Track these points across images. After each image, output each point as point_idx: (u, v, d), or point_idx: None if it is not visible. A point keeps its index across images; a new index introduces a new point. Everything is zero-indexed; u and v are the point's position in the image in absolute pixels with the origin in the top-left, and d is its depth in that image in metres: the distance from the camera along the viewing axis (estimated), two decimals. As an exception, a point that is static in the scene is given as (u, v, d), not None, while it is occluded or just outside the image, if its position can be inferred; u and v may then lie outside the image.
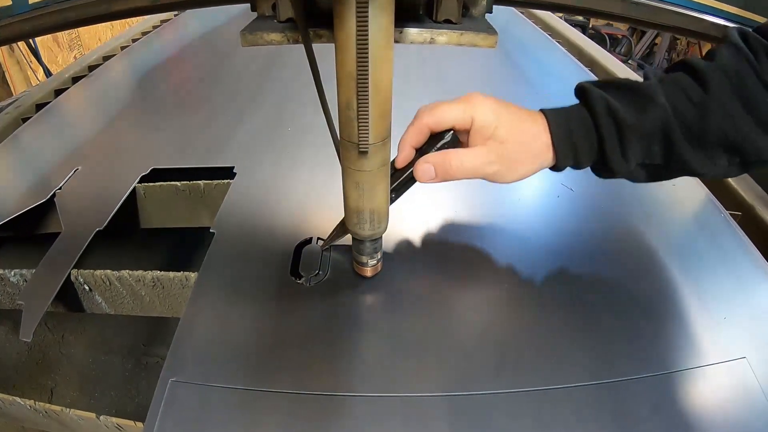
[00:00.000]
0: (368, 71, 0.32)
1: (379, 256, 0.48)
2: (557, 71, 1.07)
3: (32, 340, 0.46)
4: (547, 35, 1.30)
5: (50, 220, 0.65)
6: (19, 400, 0.44)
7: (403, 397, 0.40)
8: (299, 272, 0.51)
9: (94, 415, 0.42)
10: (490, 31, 0.37)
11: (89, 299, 0.55)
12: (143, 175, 0.67)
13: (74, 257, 0.53)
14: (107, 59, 1.14)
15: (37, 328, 0.47)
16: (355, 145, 0.37)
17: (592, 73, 1.06)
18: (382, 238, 0.47)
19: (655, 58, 3.87)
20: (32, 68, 2.16)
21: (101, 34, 2.56)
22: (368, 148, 0.37)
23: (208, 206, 0.67)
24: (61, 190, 0.65)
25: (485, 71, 1.05)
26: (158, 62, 1.12)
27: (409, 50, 1.02)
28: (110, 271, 0.53)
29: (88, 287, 0.54)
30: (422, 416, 0.39)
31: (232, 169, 0.67)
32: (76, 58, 2.37)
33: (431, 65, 1.03)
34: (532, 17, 1.45)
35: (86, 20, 0.55)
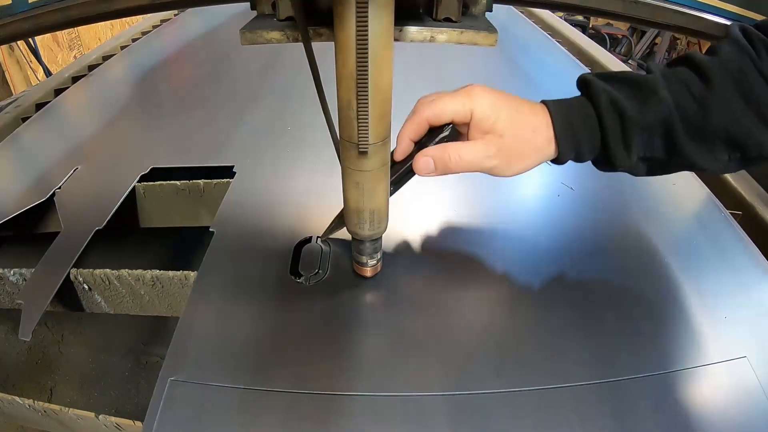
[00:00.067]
0: (368, 71, 0.32)
1: (379, 256, 0.48)
2: (557, 71, 1.07)
3: (32, 339, 0.46)
4: (547, 35, 1.29)
5: (50, 219, 0.65)
6: (17, 399, 0.44)
7: (403, 396, 0.40)
8: (299, 271, 0.51)
9: (93, 414, 0.42)
10: (490, 29, 0.37)
11: (89, 298, 0.55)
12: (143, 174, 0.67)
13: (74, 256, 0.53)
14: (107, 59, 1.14)
15: (36, 327, 0.47)
16: (355, 145, 0.37)
17: (592, 72, 1.05)
18: (382, 238, 0.47)
19: (655, 58, 3.87)
20: (32, 68, 2.15)
21: (101, 33, 2.56)
22: (368, 148, 0.37)
23: (207, 205, 0.67)
24: (60, 189, 0.65)
25: (485, 71, 1.04)
26: (158, 62, 1.12)
27: (409, 50, 1.02)
28: (110, 270, 0.53)
29: (87, 286, 0.54)
30: (422, 416, 0.38)
31: (231, 168, 0.67)
32: (75, 57, 2.37)
33: (431, 65, 1.03)
34: (532, 17, 1.45)
35: (86, 19, 0.55)
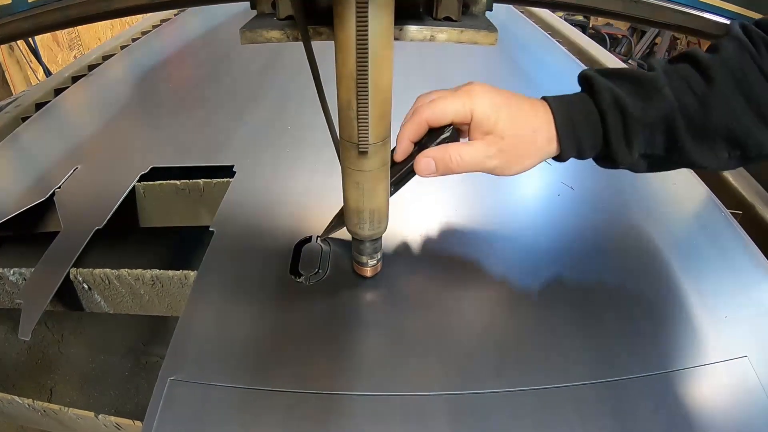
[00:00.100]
0: (368, 71, 0.32)
1: (379, 256, 0.48)
2: (557, 71, 1.07)
3: (31, 339, 0.46)
4: (547, 34, 1.29)
5: (49, 218, 0.65)
6: (17, 398, 0.44)
7: (403, 396, 0.40)
8: (299, 271, 0.51)
9: (92, 414, 0.42)
10: (490, 28, 0.37)
11: (88, 298, 0.55)
12: (143, 173, 0.67)
13: (73, 256, 0.53)
14: (107, 59, 1.14)
15: (36, 327, 0.47)
16: (355, 145, 0.37)
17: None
18: (382, 238, 0.47)
19: (655, 58, 3.87)
20: (32, 68, 2.15)
21: (101, 33, 2.56)
22: (368, 148, 0.37)
23: (207, 205, 0.67)
24: (60, 188, 0.65)
25: (485, 70, 1.04)
26: (158, 62, 1.12)
27: (409, 49, 1.02)
28: (109, 269, 0.53)
29: (87, 286, 0.54)
30: (422, 416, 0.38)
31: (231, 167, 0.67)
32: (75, 57, 2.37)
33: (431, 64, 1.03)
34: (532, 17, 1.45)
35: (86, 18, 0.55)
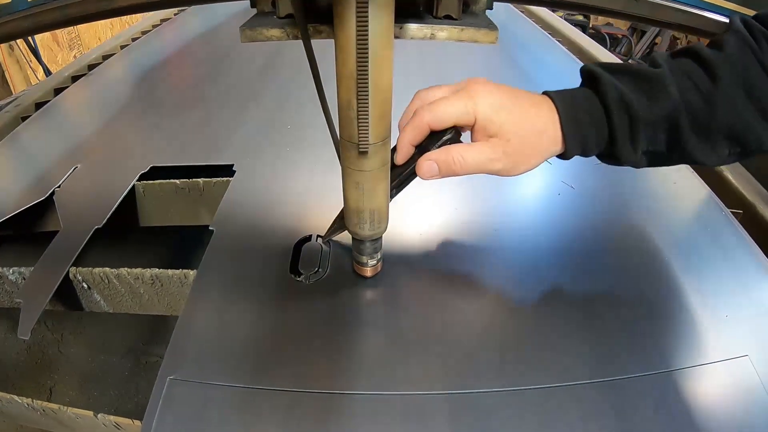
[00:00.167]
0: (368, 71, 0.32)
1: (379, 256, 0.48)
2: (557, 70, 1.07)
3: (31, 338, 0.46)
4: (547, 34, 1.29)
5: (49, 218, 0.65)
6: (16, 398, 0.44)
7: (403, 395, 0.40)
8: (299, 270, 0.51)
9: (91, 413, 0.42)
10: (490, 27, 0.37)
11: (88, 297, 0.55)
12: (142, 173, 0.67)
13: (73, 255, 0.53)
14: (107, 58, 1.14)
15: (35, 326, 0.47)
16: (355, 145, 0.37)
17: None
18: (382, 238, 0.47)
19: (655, 58, 3.87)
20: (32, 67, 2.15)
21: (101, 33, 2.56)
22: (368, 148, 0.37)
23: (207, 204, 0.67)
24: (60, 188, 0.65)
25: (485, 70, 1.04)
26: (158, 61, 1.12)
27: (409, 48, 1.02)
28: (109, 269, 0.53)
29: (86, 285, 0.54)
30: (422, 415, 0.38)
31: (231, 167, 0.67)
32: (75, 57, 2.37)
33: (431, 63, 1.03)
34: (532, 16, 1.45)
35: (85, 17, 0.55)
